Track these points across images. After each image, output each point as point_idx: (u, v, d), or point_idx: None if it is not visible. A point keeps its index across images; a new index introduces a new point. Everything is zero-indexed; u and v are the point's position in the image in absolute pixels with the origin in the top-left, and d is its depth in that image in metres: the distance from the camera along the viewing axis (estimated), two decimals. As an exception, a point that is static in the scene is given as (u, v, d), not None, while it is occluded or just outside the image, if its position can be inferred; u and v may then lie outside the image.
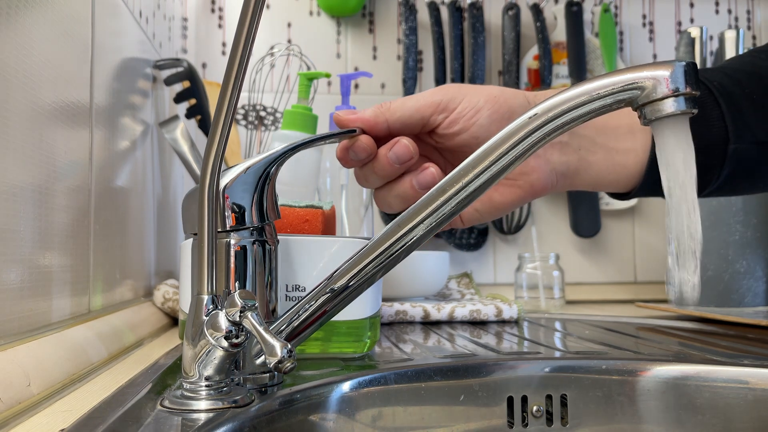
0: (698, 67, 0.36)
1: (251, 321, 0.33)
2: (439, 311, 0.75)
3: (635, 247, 1.22)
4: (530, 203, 1.17)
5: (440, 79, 1.15)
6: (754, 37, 1.26)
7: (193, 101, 0.85)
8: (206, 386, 0.34)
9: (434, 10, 1.15)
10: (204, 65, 1.14)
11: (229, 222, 0.37)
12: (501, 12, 1.19)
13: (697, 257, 0.32)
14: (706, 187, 0.54)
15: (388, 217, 1.12)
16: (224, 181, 0.37)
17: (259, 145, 1.09)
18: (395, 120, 0.49)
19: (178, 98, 0.84)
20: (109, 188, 0.62)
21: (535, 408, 0.47)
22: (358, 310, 0.48)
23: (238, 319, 0.33)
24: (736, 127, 0.51)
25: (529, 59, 1.19)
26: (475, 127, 0.49)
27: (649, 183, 0.53)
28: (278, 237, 0.41)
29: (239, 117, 1.11)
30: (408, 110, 0.49)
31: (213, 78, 1.13)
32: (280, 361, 0.31)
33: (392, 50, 1.19)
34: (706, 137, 0.52)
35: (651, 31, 1.24)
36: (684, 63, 0.31)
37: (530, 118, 0.33)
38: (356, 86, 1.18)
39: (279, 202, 0.46)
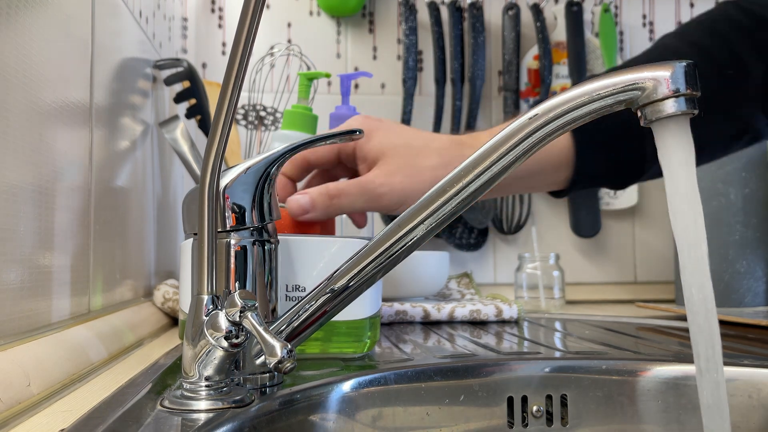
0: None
1: (251, 321, 0.33)
2: (439, 311, 0.75)
3: (635, 247, 1.22)
4: (530, 203, 1.17)
5: (440, 79, 1.15)
6: (754, 37, 1.26)
7: (193, 101, 0.85)
8: (206, 386, 0.34)
9: (434, 10, 1.15)
10: (204, 65, 1.14)
11: (229, 222, 0.37)
12: (501, 12, 1.19)
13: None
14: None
15: (388, 218, 1.12)
16: (224, 181, 0.37)
17: (259, 145, 1.09)
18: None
19: (178, 98, 0.84)
20: (109, 188, 0.62)
21: (535, 408, 0.47)
22: (358, 310, 0.48)
23: (238, 319, 0.33)
24: (581, 165, 0.60)
25: (529, 59, 1.19)
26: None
27: (581, 182, 0.59)
28: (278, 237, 0.41)
29: (239, 117, 1.11)
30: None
31: (213, 78, 1.13)
32: (280, 362, 0.31)
33: (392, 50, 1.19)
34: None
35: (651, 31, 1.24)
36: (684, 63, 0.31)
37: (530, 118, 0.33)
38: (356, 86, 1.18)
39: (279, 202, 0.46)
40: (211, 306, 0.34)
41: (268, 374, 0.39)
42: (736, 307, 0.95)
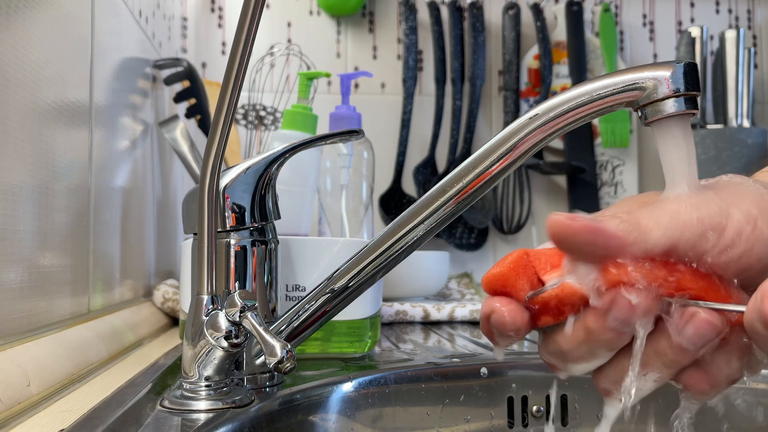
0: (698, 67, 0.36)
1: (251, 321, 0.33)
2: (439, 311, 0.75)
3: (635, 247, 1.22)
4: (530, 203, 1.17)
5: (440, 79, 1.15)
6: (754, 37, 1.26)
7: (193, 101, 0.84)
8: (206, 386, 0.34)
9: (434, 9, 1.15)
10: (204, 65, 1.14)
11: (229, 222, 0.37)
12: (501, 12, 1.18)
13: None
14: None
15: (388, 218, 1.12)
16: (224, 181, 0.37)
17: (259, 145, 1.09)
18: (654, 245, 0.30)
19: (178, 98, 0.84)
20: (109, 188, 0.62)
21: (535, 408, 0.47)
22: (358, 310, 0.48)
23: (238, 319, 0.33)
24: None
25: (530, 59, 1.19)
26: (760, 244, 0.31)
27: None
28: (278, 237, 0.41)
29: (239, 117, 1.11)
30: (671, 230, 0.31)
31: (213, 78, 1.13)
32: (280, 362, 0.31)
33: (392, 50, 1.19)
34: None
35: (651, 31, 1.24)
36: (684, 63, 0.31)
37: (531, 118, 0.33)
38: (356, 86, 1.18)
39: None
40: (211, 306, 0.34)
41: (268, 374, 0.39)
42: (736, 307, 0.95)
